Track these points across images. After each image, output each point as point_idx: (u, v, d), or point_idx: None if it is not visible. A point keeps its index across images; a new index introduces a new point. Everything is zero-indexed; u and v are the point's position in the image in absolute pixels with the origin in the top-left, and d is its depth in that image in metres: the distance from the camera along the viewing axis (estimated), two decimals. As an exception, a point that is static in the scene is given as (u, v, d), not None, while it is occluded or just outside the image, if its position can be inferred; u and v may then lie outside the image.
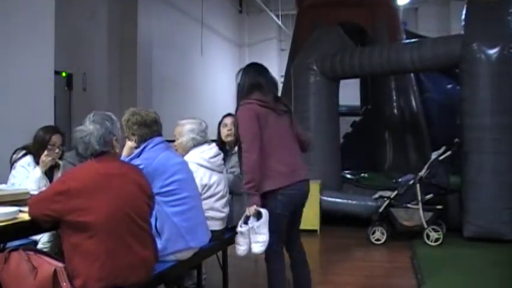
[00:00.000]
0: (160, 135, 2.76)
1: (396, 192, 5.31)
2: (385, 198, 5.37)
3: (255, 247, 2.73)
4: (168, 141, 2.82)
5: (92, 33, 6.95)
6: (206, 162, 3.12)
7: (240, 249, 2.79)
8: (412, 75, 7.50)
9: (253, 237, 2.71)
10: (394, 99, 7.44)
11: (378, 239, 5.30)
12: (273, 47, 13.93)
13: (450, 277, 4.01)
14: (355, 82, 8.37)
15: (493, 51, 5.08)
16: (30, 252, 2.10)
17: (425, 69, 6.63)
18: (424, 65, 5.76)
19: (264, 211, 2.73)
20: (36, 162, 3.17)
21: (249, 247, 2.75)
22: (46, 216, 2.07)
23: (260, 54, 13.30)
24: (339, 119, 6.67)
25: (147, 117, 2.73)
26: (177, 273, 2.82)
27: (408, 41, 6.69)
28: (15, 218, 2.21)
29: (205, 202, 3.02)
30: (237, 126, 2.89)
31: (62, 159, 3.35)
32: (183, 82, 9.80)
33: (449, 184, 5.32)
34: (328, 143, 6.22)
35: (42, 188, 2.89)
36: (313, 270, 3.16)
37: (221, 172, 3.23)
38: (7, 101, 4.11)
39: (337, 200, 5.96)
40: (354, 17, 7.59)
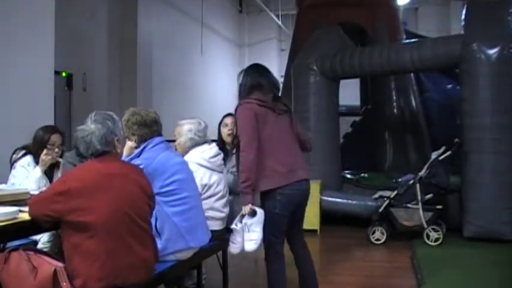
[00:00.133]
0: (160, 135, 2.76)
1: (396, 192, 5.31)
2: (385, 198, 5.38)
3: (247, 245, 2.75)
4: (168, 141, 2.82)
5: (92, 33, 6.95)
6: (206, 162, 3.12)
7: (234, 247, 2.82)
8: (412, 75, 7.50)
9: (246, 235, 2.74)
10: (394, 99, 7.45)
11: (378, 239, 5.30)
12: (273, 47, 13.92)
13: (450, 277, 4.01)
14: (355, 82, 8.37)
15: (493, 51, 5.08)
16: (30, 252, 2.10)
17: (425, 69, 6.64)
18: (424, 65, 5.76)
19: (259, 210, 2.74)
20: (36, 162, 3.18)
21: (242, 245, 2.77)
22: (46, 216, 2.07)
23: (260, 54, 13.30)
24: (339, 119, 6.67)
25: (147, 117, 2.72)
26: (177, 273, 2.82)
27: (408, 41, 6.69)
28: (15, 218, 2.21)
29: (205, 202, 3.02)
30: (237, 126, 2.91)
31: (61, 158, 3.35)
32: (183, 82, 9.80)
33: (449, 184, 5.32)
34: (328, 143, 6.22)
35: (42, 187, 2.90)
36: (313, 270, 3.16)
37: (221, 172, 3.24)
38: (7, 101, 4.11)
39: (337, 200, 5.96)
40: (354, 17, 7.59)
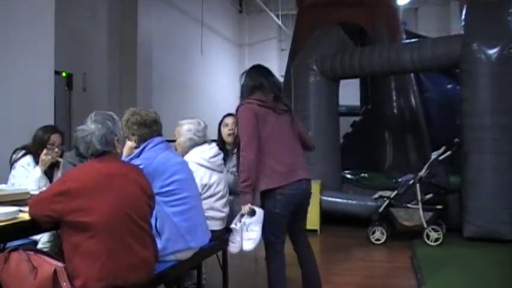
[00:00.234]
0: (160, 135, 2.76)
1: (396, 192, 5.31)
2: (385, 198, 5.38)
3: (245, 244, 2.77)
4: (168, 141, 2.82)
5: (92, 33, 6.95)
6: (206, 162, 3.12)
7: (233, 247, 2.83)
8: (412, 75, 7.50)
9: (245, 234, 2.75)
10: (394, 99, 7.45)
11: (378, 239, 5.30)
12: (273, 47, 13.92)
13: (450, 277, 4.01)
14: (355, 82, 8.37)
15: (493, 51, 5.07)
16: (30, 252, 2.10)
17: (425, 69, 6.64)
18: (424, 65, 5.76)
19: (258, 209, 2.75)
20: (36, 162, 3.17)
21: (241, 244, 2.79)
22: (46, 216, 2.07)
23: (260, 54, 13.29)
24: (339, 119, 6.67)
25: (147, 117, 2.72)
26: (177, 273, 2.82)
27: (408, 41, 6.69)
28: (15, 218, 2.21)
29: (205, 202, 3.02)
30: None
31: (61, 158, 3.35)
32: (183, 82, 9.80)
33: (449, 184, 5.32)
34: (328, 143, 6.22)
35: (42, 187, 2.89)
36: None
37: (221, 172, 3.24)
38: (7, 101, 4.11)
39: (337, 200, 5.96)
40: (354, 17, 7.59)
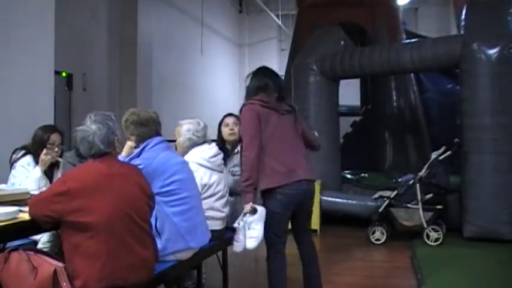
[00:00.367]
0: (159, 134, 2.76)
1: (396, 192, 5.31)
2: (385, 198, 5.38)
3: (248, 242, 2.79)
4: (168, 141, 2.82)
5: (92, 33, 6.95)
6: (206, 161, 3.12)
7: (237, 245, 2.86)
8: (412, 75, 7.50)
9: (247, 232, 2.77)
10: (394, 99, 7.45)
11: (378, 239, 5.30)
12: (273, 47, 13.92)
13: (450, 277, 4.01)
14: (356, 82, 8.36)
15: (493, 51, 5.07)
16: (30, 252, 2.10)
17: (425, 69, 6.63)
18: (424, 65, 5.76)
19: (259, 208, 2.77)
20: (36, 162, 3.17)
21: (244, 243, 2.81)
22: (46, 216, 2.07)
23: (260, 54, 13.30)
24: (339, 119, 6.67)
25: (142, 116, 2.74)
26: (177, 273, 2.82)
27: (408, 41, 6.69)
28: (15, 218, 2.21)
29: (205, 202, 3.02)
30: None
31: (61, 158, 3.35)
32: (183, 82, 9.80)
33: (449, 184, 5.32)
34: (328, 143, 6.20)
35: (42, 187, 2.89)
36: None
37: (221, 172, 3.24)
38: (7, 101, 4.11)
39: (337, 200, 5.96)
40: (354, 17, 7.58)
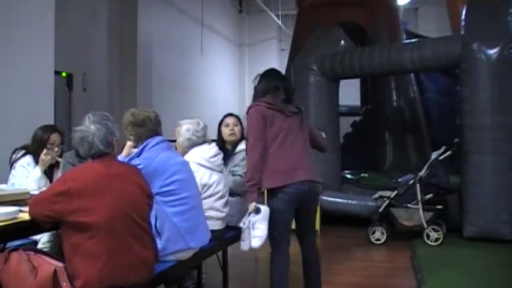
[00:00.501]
0: (159, 134, 2.76)
1: (396, 192, 5.31)
2: (385, 198, 5.38)
3: (253, 241, 2.81)
4: (168, 141, 2.82)
5: (92, 33, 6.94)
6: (206, 161, 3.12)
7: (243, 244, 2.89)
8: (412, 75, 7.50)
9: (252, 232, 2.80)
10: (394, 99, 7.44)
11: (378, 239, 5.30)
12: (273, 47, 13.90)
13: (450, 277, 4.01)
14: (356, 82, 8.36)
15: (493, 51, 5.07)
16: (30, 252, 2.10)
17: (425, 69, 6.63)
18: (424, 65, 5.76)
19: (263, 207, 2.80)
20: (36, 162, 3.17)
21: (250, 242, 2.84)
22: (46, 217, 2.07)
23: (260, 54, 13.29)
24: (339, 119, 6.66)
25: (138, 116, 2.75)
26: (177, 273, 2.82)
27: (408, 41, 6.69)
28: (15, 218, 2.21)
29: (205, 202, 3.02)
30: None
31: (61, 157, 3.35)
32: (183, 82, 9.79)
33: (449, 184, 5.32)
34: (328, 143, 6.14)
35: (42, 187, 2.89)
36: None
37: (221, 172, 3.24)
38: (7, 101, 4.10)
39: (337, 200, 5.96)
40: (354, 17, 7.58)
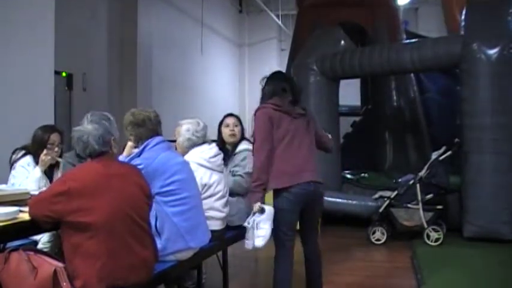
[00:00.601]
0: (159, 134, 2.76)
1: (396, 192, 5.31)
2: (385, 198, 5.38)
3: (256, 241, 2.85)
4: (168, 141, 2.82)
5: (92, 33, 6.94)
6: (206, 162, 3.13)
7: (247, 243, 2.91)
8: (412, 75, 7.50)
9: (256, 231, 2.84)
10: (394, 99, 7.44)
11: (378, 239, 5.30)
12: (273, 47, 13.89)
13: (450, 277, 4.01)
14: (356, 82, 8.36)
15: (493, 51, 5.07)
16: (30, 252, 2.10)
17: (425, 69, 6.62)
18: (424, 65, 5.75)
19: (267, 208, 2.84)
20: (36, 162, 3.17)
21: (254, 241, 2.87)
22: (46, 217, 2.07)
23: (260, 54, 13.28)
24: (339, 119, 6.66)
25: (138, 116, 2.75)
26: (177, 273, 2.82)
27: (408, 41, 6.68)
28: (15, 218, 2.21)
29: (205, 202, 3.03)
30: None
31: (61, 157, 3.35)
32: (183, 82, 9.79)
33: (449, 184, 5.32)
34: (329, 143, 6.21)
35: (42, 187, 2.89)
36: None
37: (221, 172, 3.24)
38: (7, 101, 4.10)
39: (337, 200, 5.95)
40: (354, 17, 7.58)
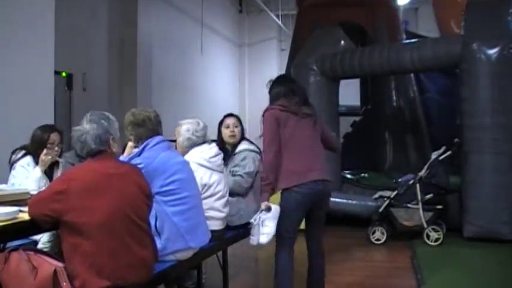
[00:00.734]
0: (159, 134, 2.76)
1: (396, 192, 5.31)
2: (385, 198, 5.38)
3: (261, 238, 2.89)
4: (168, 141, 2.82)
5: (92, 33, 6.94)
6: (206, 161, 3.13)
7: (252, 239, 2.95)
8: (412, 75, 7.50)
9: (261, 228, 2.88)
10: (394, 99, 7.45)
11: (378, 239, 5.30)
12: (273, 47, 13.88)
13: (450, 277, 4.01)
14: (355, 82, 8.36)
15: (493, 51, 5.08)
16: (30, 252, 2.09)
17: (425, 69, 6.63)
18: (424, 65, 5.76)
19: (274, 207, 2.89)
20: (36, 162, 3.17)
21: (258, 238, 2.91)
22: (45, 216, 2.07)
23: (260, 54, 13.27)
24: (339, 119, 6.67)
25: (138, 116, 2.75)
26: (177, 273, 2.82)
27: (408, 41, 6.69)
28: (15, 218, 2.21)
29: (205, 202, 3.03)
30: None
31: (60, 157, 3.35)
32: (183, 82, 9.79)
33: (449, 184, 5.33)
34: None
35: (42, 187, 2.89)
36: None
37: (221, 172, 3.24)
38: (7, 101, 4.10)
39: (337, 200, 5.94)
40: (354, 17, 7.58)
